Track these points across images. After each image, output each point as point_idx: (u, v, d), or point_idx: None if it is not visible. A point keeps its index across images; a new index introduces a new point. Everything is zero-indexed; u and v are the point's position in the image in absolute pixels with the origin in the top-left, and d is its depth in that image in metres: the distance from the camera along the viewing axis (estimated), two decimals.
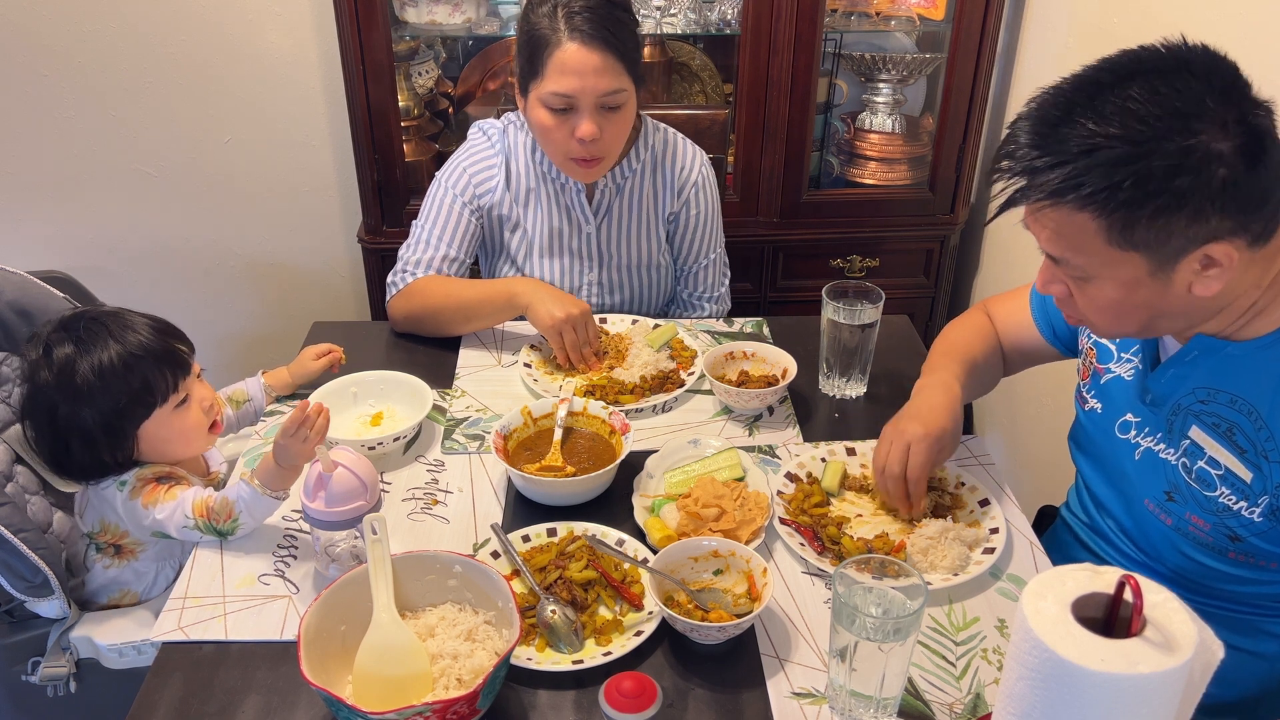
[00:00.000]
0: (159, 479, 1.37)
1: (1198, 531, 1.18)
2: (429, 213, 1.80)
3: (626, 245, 1.86)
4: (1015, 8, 2.35)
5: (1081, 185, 0.96)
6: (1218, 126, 0.94)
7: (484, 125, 1.84)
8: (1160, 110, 0.95)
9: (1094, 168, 0.96)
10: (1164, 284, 1.03)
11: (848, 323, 1.56)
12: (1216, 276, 1.01)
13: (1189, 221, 0.97)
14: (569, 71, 1.59)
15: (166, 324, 1.42)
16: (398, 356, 1.74)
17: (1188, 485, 1.18)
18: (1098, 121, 0.96)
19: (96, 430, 1.33)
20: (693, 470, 1.41)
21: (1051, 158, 0.98)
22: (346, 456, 1.21)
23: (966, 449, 1.51)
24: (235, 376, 1.60)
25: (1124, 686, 0.75)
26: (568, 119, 1.64)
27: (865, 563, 1.08)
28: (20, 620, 1.44)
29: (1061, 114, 0.98)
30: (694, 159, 1.86)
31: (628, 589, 1.22)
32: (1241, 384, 1.11)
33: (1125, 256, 1.01)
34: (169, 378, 1.36)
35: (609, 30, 1.59)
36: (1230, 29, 1.63)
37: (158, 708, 1.10)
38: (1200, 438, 1.15)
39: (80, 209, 2.63)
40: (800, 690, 1.12)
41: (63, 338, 1.34)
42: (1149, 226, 0.97)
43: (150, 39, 2.43)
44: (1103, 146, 0.95)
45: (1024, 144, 1.01)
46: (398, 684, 1.07)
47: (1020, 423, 2.41)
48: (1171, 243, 0.98)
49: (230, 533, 1.32)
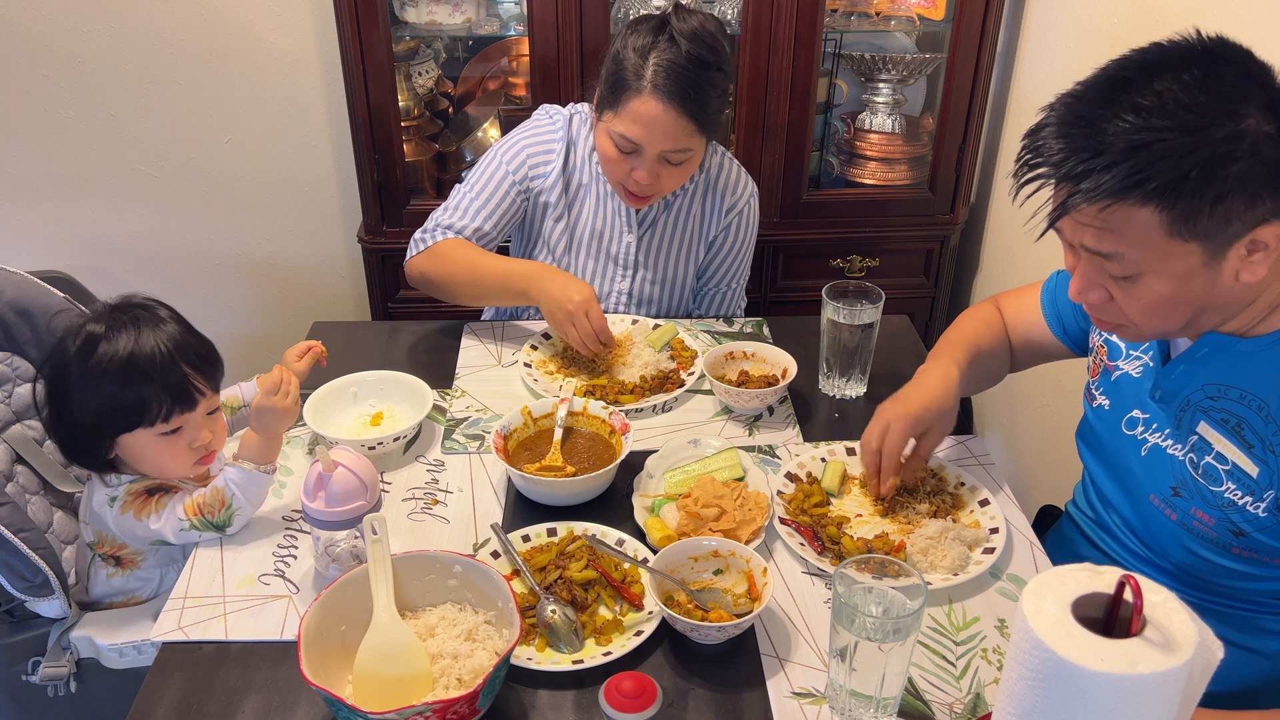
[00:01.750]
0: (149, 491, 1.36)
1: (1202, 527, 1.19)
2: (476, 182, 1.78)
3: (664, 261, 1.86)
4: (1015, 8, 2.35)
5: (1146, 180, 0.96)
6: (1260, 109, 0.95)
7: (550, 109, 1.83)
8: (1206, 98, 0.95)
9: (1155, 160, 0.95)
10: (1214, 274, 1.03)
11: (848, 323, 1.56)
12: (1261, 260, 1.02)
13: (1246, 206, 0.97)
14: (641, 122, 1.60)
15: (200, 352, 1.35)
16: (398, 356, 1.74)
17: (1194, 480, 1.19)
18: (1138, 115, 0.95)
19: (80, 417, 1.31)
20: (693, 470, 1.41)
21: (1101, 158, 0.97)
22: (346, 456, 1.21)
23: (966, 449, 1.51)
24: (235, 376, 1.60)
25: (1124, 686, 0.75)
26: (629, 159, 1.65)
27: (865, 563, 1.08)
28: (20, 620, 1.44)
29: (1093, 114, 0.98)
30: (745, 189, 1.86)
31: (628, 589, 1.22)
32: (1252, 379, 1.12)
33: (1184, 248, 1.00)
34: (165, 406, 1.30)
35: (692, 92, 1.58)
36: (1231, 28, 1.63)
37: (158, 708, 1.10)
38: (1208, 433, 1.16)
39: (80, 209, 2.63)
40: (800, 690, 1.12)
41: (102, 317, 1.31)
42: (1211, 214, 0.97)
43: (150, 39, 2.43)
44: (1154, 140, 0.95)
45: (1059, 149, 0.99)
46: (398, 684, 1.07)
47: (1020, 423, 2.41)
48: (1229, 229, 0.99)
49: (228, 524, 1.31)
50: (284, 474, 1.45)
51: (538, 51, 2.23)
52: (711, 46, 1.60)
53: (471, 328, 1.82)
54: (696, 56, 1.58)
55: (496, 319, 1.93)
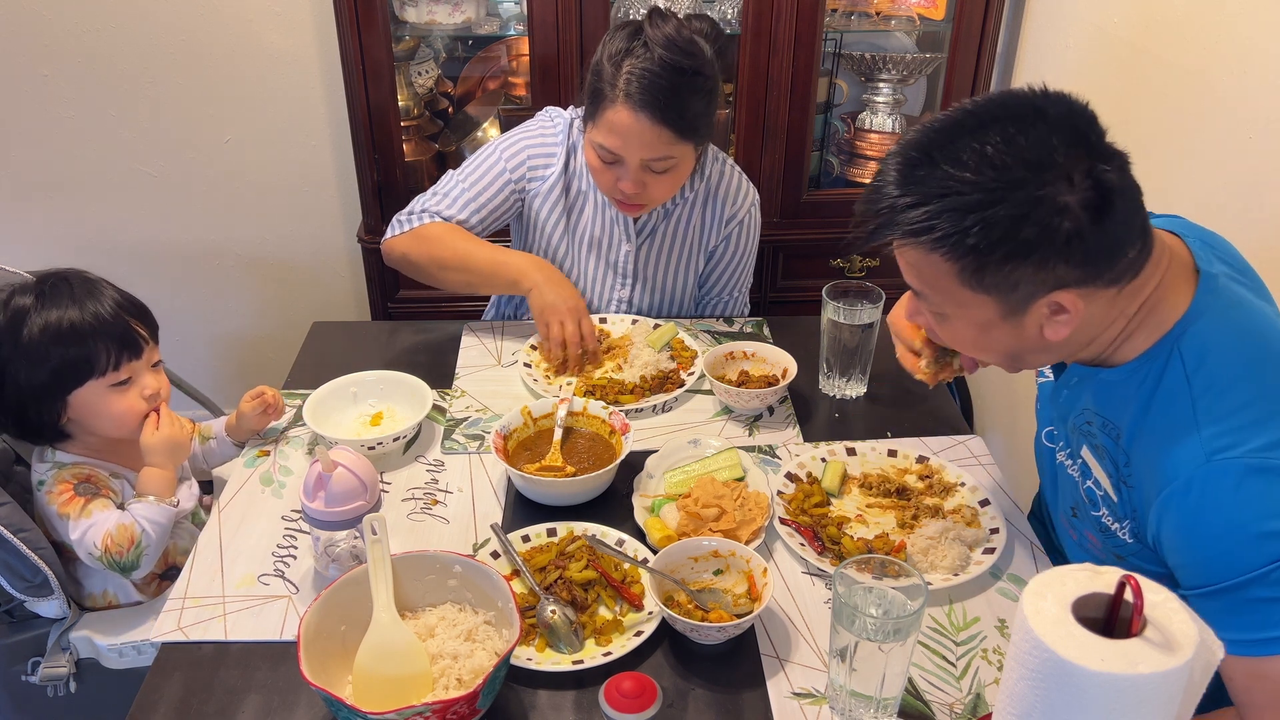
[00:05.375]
0: (77, 483, 1.37)
1: (1094, 549, 1.20)
2: (470, 173, 1.76)
3: (663, 271, 1.85)
4: (1015, 8, 2.35)
5: (933, 228, 0.98)
6: (1065, 179, 0.95)
7: (553, 112, 1.81)
8: (1012, 159, 0.96)
9: (945, 211, 0.97)
10: (1016, 326, 1.05)
11: (848, 323, 1.56)
12: (1065, 322, 1.03)
13: (1035, 269, 0.98)
14: (617, 132, 1.58)
15: (136, 304, 1.42)
16: (398, 356, 1.74)
17: (1083, 503, 1.19)
18: (954, 165, 0.97)
19: (27, 386, 1.33)
20: (693, 470, 1.41)
21: (911, 198, 0.99)
22: (346, 456, 1.21)
23: (966, 449, 1.51)
24: (235, 376, 1.61)
25: (1124, 687, 0.75)
26: (614, 169, 1.63)
27: (865, 563, 1.08)
28: (20, 620, 1.44)
29: (923, 155, 1.00)
30: (746, 198, 1.83)
31: (628, 589, 1.22)
32: (1112, 408, 1.11)
33: (977, 299, 1.03)
34: (112, 355, 1.35)
35: (665, 99, 1.54)
36: (1230, 28, 1.63)
37: (158, 708, 1.10)
38: (1088, 457, 1.16)
39: (80, 209, 2.63)
40: (800, 690, 1.12)
41: (29, 289, 1.35)
42: (997, 272, 0.99)
43: (150, 39, 2.43)
44: (955, 191, 0.97)
45: (890, 181, 1.02)
46: (398, 684, 1.07)
47: (1020, 423, 2.41)
48: (1020, 289, 1.00)
49: (135, 565, 1.34)
50: (284, 474, 1.45)
51: (538, 51, 2.23)
52: (686, 51, 1.55)
53: (471, 327, 1.82)
54: (670, 63, 1.53)
55: (496, 319, 1.93)
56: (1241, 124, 1.60)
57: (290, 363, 1.72)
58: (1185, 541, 1.01)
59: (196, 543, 1.33)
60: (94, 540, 1.33)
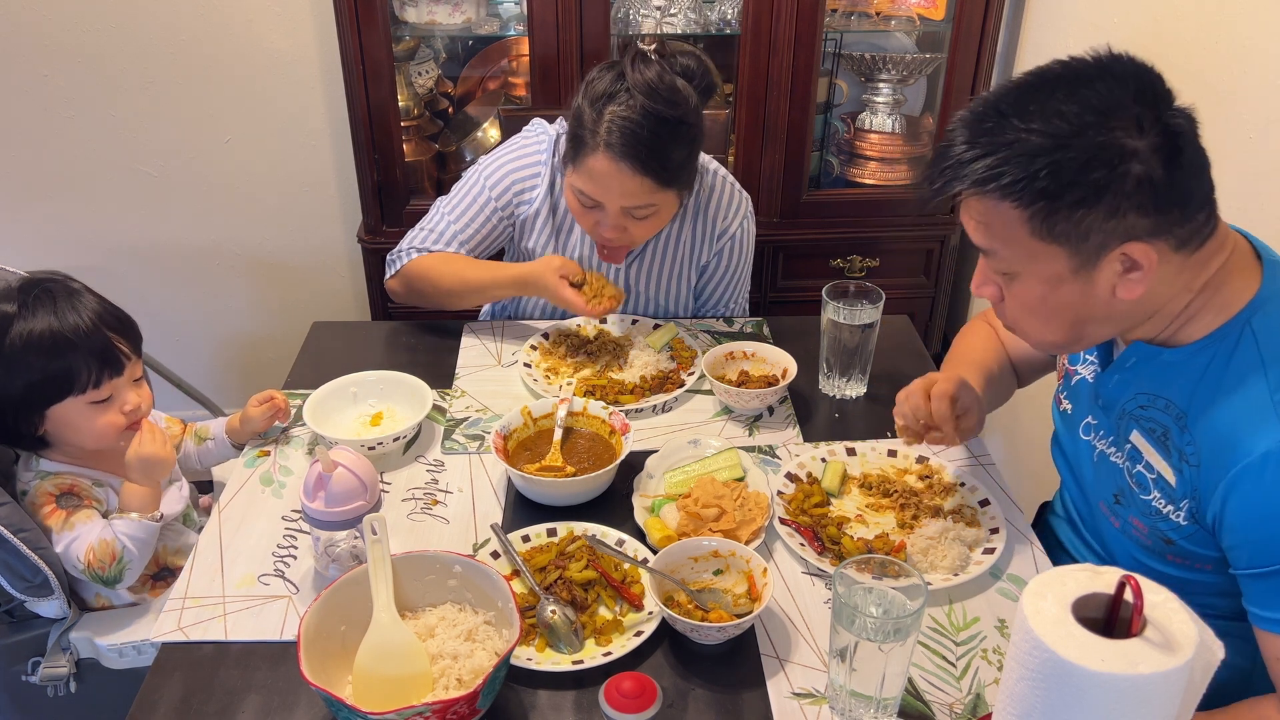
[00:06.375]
0: (60, 494, 1.37)
1: (1139, 534, 1.19)
2: (456, 205, 1.76)
3: (655, 288, 1.84)
4: (1015, 8, 2.35)
5: (1002, 175, 0.99)
6: (1134, 124, 0.97)
7: (539, 126, 1.78)
8: (1079, 108, 0.97)
9: (1015, 158, 0.98)
10: (1086, 283, 1.04)
11: (848, 323, 1.56)
12: (1139, 280, 1.02)
13: (1106, 216, 0.98)
14: (597, 180, 1.55)
15: (120, 317, 1.40)
16: (398, 356, 1.73)
17: (1130, 489, 1.19)
18: (1022, 118, 0.99)
19: (4, 396, 1.32)
20: (693, 470, 1.41)
21: (979, 149, 1.01)
22: (346, 456, 1.21)
23: (967, 449, 1.51)
24: (235, 376, 1.61)
25: (1124, 687, 0.75)
26: (594, 213, 1.62)
27: (865, 563, 1.08)
28: (20, 620, 1.44)
29: (991, 111, 1.01)
30: (737, 210, 1.80)
31: (628, 589, 1.22)
32: (1174, 389, 1.11)
33: (1048, 250, 1.03)
34: (93, 373, 1.34)
35: (645, 150, 1.51)
36: (1230, 28, 1.63)
37: (158, 708, 1.10)
38: (1139, 442, 1.16)
39: (80, 209, 2.63)
40: (800, 690, 1.12)
41: (11, 296, 1.33)
42: (1068, 219, 0.99)
43: (150, 38, 2.43)
44: (1023, 140, 0.98)
45: (958, 139, 1.04)
46: (398, 684, 1.07)
47: (1020, 423, 2.41)
48: (1091, 238, 1.00)
49: (118, 579, 1.34)
50: (284, 474, 1.45)
51: (537, 51, 2.23)
52: (669, 99, 1.51)
53: (471, 328, 1.82)
54: (653, 112, 1.50)
55: (496, 319, 1.93)
56: (1241, 124, 1.60)
57: (290, 363, 1.72)
58: (1250, 518, 1.02)
59: (197, 543, 1.33)
60: (76, 554, 1.33)
